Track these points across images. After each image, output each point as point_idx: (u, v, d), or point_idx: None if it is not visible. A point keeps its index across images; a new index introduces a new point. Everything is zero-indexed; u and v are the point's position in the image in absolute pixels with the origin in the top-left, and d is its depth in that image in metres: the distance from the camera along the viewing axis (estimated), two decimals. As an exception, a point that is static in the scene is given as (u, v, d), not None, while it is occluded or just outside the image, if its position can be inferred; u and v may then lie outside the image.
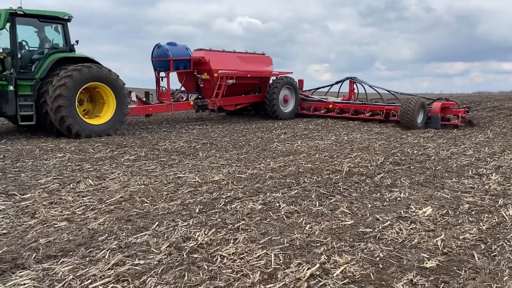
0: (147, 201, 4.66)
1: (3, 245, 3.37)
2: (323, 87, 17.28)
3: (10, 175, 5.85)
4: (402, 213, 4.37)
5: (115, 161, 6.92)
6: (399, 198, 4.94)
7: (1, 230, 3.71)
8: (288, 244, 3.51)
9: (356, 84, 16.06)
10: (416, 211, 4.45)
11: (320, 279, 2.92)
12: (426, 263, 3.19)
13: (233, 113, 15.44)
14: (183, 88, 14.12)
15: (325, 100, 15.47)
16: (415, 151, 8.27)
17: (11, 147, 8.06)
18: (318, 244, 3.52)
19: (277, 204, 4.57)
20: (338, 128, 12.25)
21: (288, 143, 9.17)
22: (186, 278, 2.89)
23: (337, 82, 16.49)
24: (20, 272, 2.90)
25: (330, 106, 14.93)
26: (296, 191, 5.13)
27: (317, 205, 4.59)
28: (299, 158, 7.32)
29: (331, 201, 4.76)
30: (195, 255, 3.26)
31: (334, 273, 3.00)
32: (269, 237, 3.66)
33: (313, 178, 5.77)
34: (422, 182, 5.77)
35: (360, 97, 16.18)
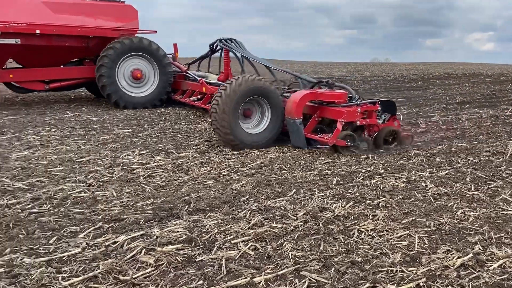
0: (285, 169, 4.75)
1: (162, 195, 3.82)
2: (201, 57, 10.52)
3: (169, 135, 6.62)
4: None
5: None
6: None
7: (161, 182, 4.22)
8: (435, 228, 3.19)
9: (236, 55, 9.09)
10: None
11: (472, 270, 2.58)
12: None
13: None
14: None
15: (197, 79, 9.31)
16: None
17: (171, 111, 9.11)
18: (472, 232, 3.11)
19: (423, 184, 4.18)
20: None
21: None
22: (321, 247, 2.86)
23: (211, 50, 9.88)
24: (174, 221, 3.25)
25: (204, 89, 8.90)
26: (447, 171, 4.62)
27: (472, 189, 4.05)
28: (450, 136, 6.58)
29: (490, 186, 4.15)
30: (331, 226, 3.20)
31: (491, 266, 2.62)
32: (413, 217, 3.38)
33: (469, 159, 5.11)
34: None
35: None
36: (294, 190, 3.98)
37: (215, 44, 9.44)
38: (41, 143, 5.83)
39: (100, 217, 3.30)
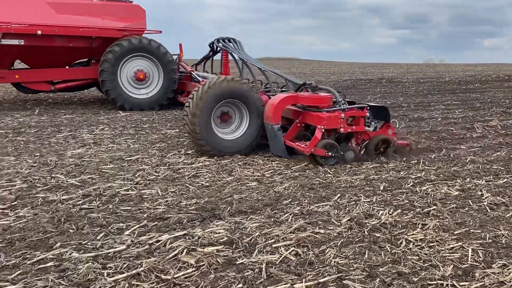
0: (330, 172, 4.63)
1: (205, 195, 3.85)
2: (204, 58, 10.27)
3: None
4: None
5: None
6: None
7: (205, 182, 4.26)
8: (490, 240, 2.97)
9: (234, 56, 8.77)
10: None
11: (533, 289, 2.37)
12: None
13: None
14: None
15: (198, 80, 8.95)
16: None
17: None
18: (533, 247, 2.87)
19: (479, 193, 3.93)
20: None
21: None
22: (366, 256, 2.75)
23: (212, 51, 9.81)
24: (216, 221, 3.26)
25: None
26: (505, 180, 4.31)
27: (534, 200, 3.75)
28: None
29: (555, 197, 3.82)
30: (377, 234, 3.08)
31: (555, 286, 2.39)
32: (467, 228, 3.17)
33: (530, 167, 4.74)
34: None
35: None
36: (339, 195, 3.88)
37: (214, 45, 9.24)
38: (94, 141, 6.10)
39: (145, 215, 3.37)
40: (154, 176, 4.43)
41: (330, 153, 4.85)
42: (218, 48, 9.33)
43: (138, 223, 3.22)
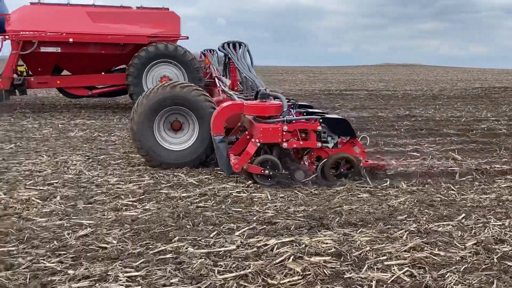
0: (454, 188, 4.21)
1: (314, 203, 3.80)
2: (223, 64, 9.01)
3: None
4: None
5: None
6: None
7: (314, 190, 4.20)
8: None
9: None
10: None
11: None
12: None
13: None
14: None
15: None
16: None
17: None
18: None
19: None
20: None
21: None
22: (494, 286, 2.42)
23: (224, 56, 8.26)
24: (324, 231, 3.18)
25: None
26: None
27: None
28: None
29: None
30: (509, 263, 2.68)
31: None
32: None
33: None
34: None
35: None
36: (464, 215, 3.49)
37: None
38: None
39: (254, 218, 3.46)
40: (265, 181, 4.51)
41: (267, 172, 4.25)
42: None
43: (247, 225, 3.31)
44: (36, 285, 2.38)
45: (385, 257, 2.77)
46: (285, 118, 4.35)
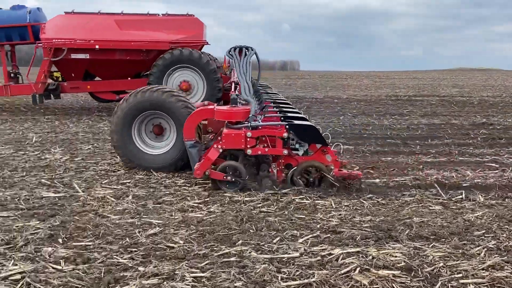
0: (540, 204, 3.83)
1: (381, 214, 3.65)
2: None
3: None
4: None
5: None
6: None
7: (381, 200, 4.03)
8: None
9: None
10: None
11: None
12: None
13: None
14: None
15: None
16: None
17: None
18: None
19: None
20: None
21: None
22: None
23: None
24: (393, 244, 3.04)
25: None
26: None
27: None
28: None
29: None
30: None
31: None
32: None
33: None
34: None
35: None
36: (552, 234, 3.16)
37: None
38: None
39: (318, 225, 3.39)
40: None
41: (229, 178, 4.16)
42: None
43: (311, 232, 3.25)
44: (110, 279, 2.51)
45: (460, 275, 2.58)
46: (250, 124, 4.28)
